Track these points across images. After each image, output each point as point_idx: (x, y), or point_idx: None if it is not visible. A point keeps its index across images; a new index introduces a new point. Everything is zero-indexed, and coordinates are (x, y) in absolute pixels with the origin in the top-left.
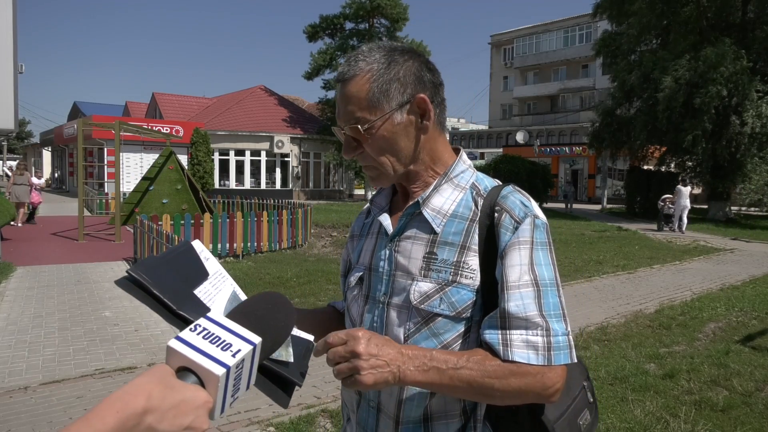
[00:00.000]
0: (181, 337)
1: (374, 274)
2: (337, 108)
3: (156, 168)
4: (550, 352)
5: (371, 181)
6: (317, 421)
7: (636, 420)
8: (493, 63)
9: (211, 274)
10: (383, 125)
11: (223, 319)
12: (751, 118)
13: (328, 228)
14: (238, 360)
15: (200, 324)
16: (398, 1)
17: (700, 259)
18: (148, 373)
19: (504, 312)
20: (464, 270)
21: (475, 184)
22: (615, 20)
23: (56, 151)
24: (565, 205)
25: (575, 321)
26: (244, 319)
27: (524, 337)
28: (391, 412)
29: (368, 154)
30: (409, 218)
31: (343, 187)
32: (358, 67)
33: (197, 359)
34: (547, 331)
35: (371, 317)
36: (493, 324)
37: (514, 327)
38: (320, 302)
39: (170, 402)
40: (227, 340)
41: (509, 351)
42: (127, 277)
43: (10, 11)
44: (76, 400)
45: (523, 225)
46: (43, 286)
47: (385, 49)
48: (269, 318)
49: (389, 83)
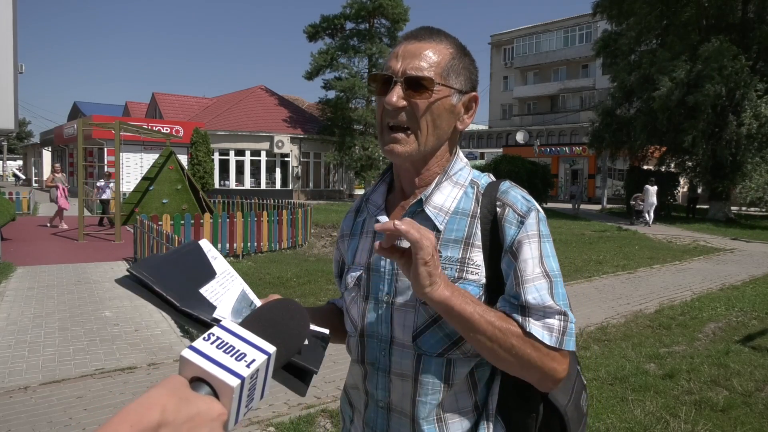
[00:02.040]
0: (195, 346)
1: (374, 274)
2: (395, 59)
3: (156, 168)
4: (563, 336)
5: (394, 144)
6: (317, 421)
7: (636, 420)
8: (493, 63)
9: (218, 274)
10: (443, 96)
11: (237, 327)
12: (749, 119)
13: (328, 228)
14: (252, 370)
15: (214, 333)
16: (399, 2)
17: (700, 259)
18: (162, 384)
19: (524, 304)
20: (469, 266)
21: (473, 181)
22: (615, 20)
23: (56, 151)
24: (572, 206)
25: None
26: (258, 327)
27: (542, 321)
28: (406, 411)
29: (411, 113)
30: (411, 216)
31: (343, 187)
32: (440, 37)
33: (211, 370)
34: (565, 316)
35: (374, 317)
36: (515, 310)
37: (532, 316)
38: (320, 302)
39: (185, 415)
40: (241, 350)
41: (528, 324)
42: (129, 275)
43: (10, 11)
44: (76, 400)
45: (529, 219)
46: (43, 286)
47: (458, 40)
48: (283, 326)
49: (462, 68)
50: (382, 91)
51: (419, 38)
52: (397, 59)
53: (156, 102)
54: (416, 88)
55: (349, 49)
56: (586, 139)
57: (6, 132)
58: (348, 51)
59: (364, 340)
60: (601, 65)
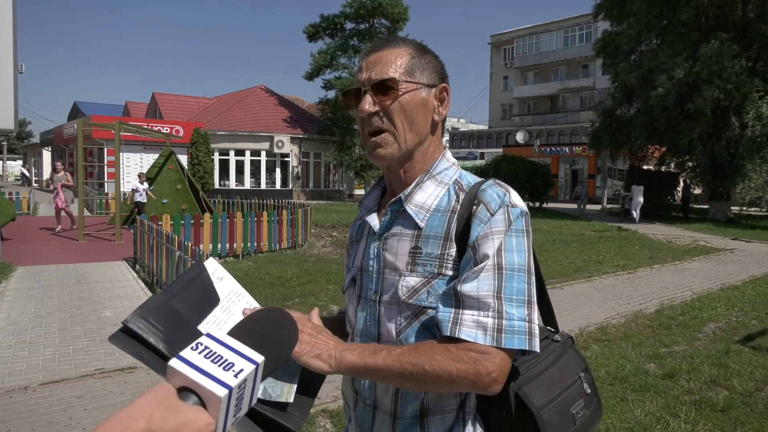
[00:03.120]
0: (182, 356)
1: (365, 274)
2: (360, 72)
3: (156, 168)
4: (501, 335)
5: (377, 149)
6: (317, 421)
7: (636, 420)
8: (493, 63)
9: (223, 298)
10: (411, 92)
11: (225, 337)
12: (752, 120)
13: (328, 228)
14: (240, 380)
15: (202, 342)
16: (399, 1)
17: (700, 259)
18: (149, 393)
19: (457, 291)
20: (448, 262)
21: (458, 180)
22: (615, 20)
23: (56, 151)
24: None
25: (575, 321)
26: (246, 337)
27: (475, 318)
28: (387, 408)
29: (385, 117)
30: (394, 215)
31: (343, 187)
32: (397, 42)
33: (199, 380)
34: (499, 313)
35: (364, 316)
36: (448, 302)
37: (466, 307)
38: (320, 302)
39: (171, 425)
40: (229, 359)
41: (457, 328)
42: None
43: (10, 11)
44: (76, 400)
45: (497, 216)
46: (43, 286)
47: (416, 41)
48: (272, 335)
49: (424, 65)
50: (352, 104)
51: (379, 48)
52: (362, 71)
53: (156, 102)
54: (384, 91)
55: (349, 48)
56: (586, 139)
57: (6, 132)
58: (348, 51)
59: (357, 338)
60: (601, 65)
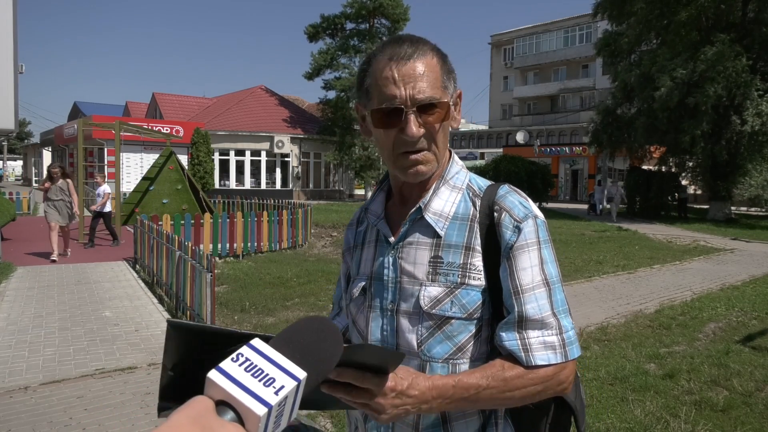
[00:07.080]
0: (222, 368)
1: (378, 283)
2: (394, 85)
3: (156, 168)
4: (566, 349)
5: (418, 166)
6: (317, 421)
7: (636, 420)
8: (493, 63)
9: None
10: (449, 108)
11: (268, 348)
12: (752, 117)
13: (328, 228)
14: (280, 398)
15: (243, 353)
16: (399, 1)
17: (700, 259)
18: (186, 408)
19: (522, 316)
20: (472, 271)
21: (469, 185)
22: (615, 20)
23: (56, 151)
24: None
25: (575, 321)
26: (288, 349)
27: (541, 339)
28: (408, 420)
29: (428, 135)
30: (411, 224)
31: (343, 187)
32: (423, 49)
33: (238, 396)
34: (560, 329)
35: (380, 326)
36: (511, 329)
37: (530, 328)
38: (320, 302)
39: None
40: (270, 374)
41: (531, 356)
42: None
43: (10, 11)
44: (76, 400)
45: (527, 227)
46: (43, 286)
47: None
48: (315, 348)
49: (449, 72)
50: (390, 123)
51: (407, 55)
52: (397, 85)
53: (156, 102)
54: (429, 111)
55: (350, 48)
56: (586, 139)
57: (6, 132)
58: (348, 51)
59: None
60: (601, 65)
